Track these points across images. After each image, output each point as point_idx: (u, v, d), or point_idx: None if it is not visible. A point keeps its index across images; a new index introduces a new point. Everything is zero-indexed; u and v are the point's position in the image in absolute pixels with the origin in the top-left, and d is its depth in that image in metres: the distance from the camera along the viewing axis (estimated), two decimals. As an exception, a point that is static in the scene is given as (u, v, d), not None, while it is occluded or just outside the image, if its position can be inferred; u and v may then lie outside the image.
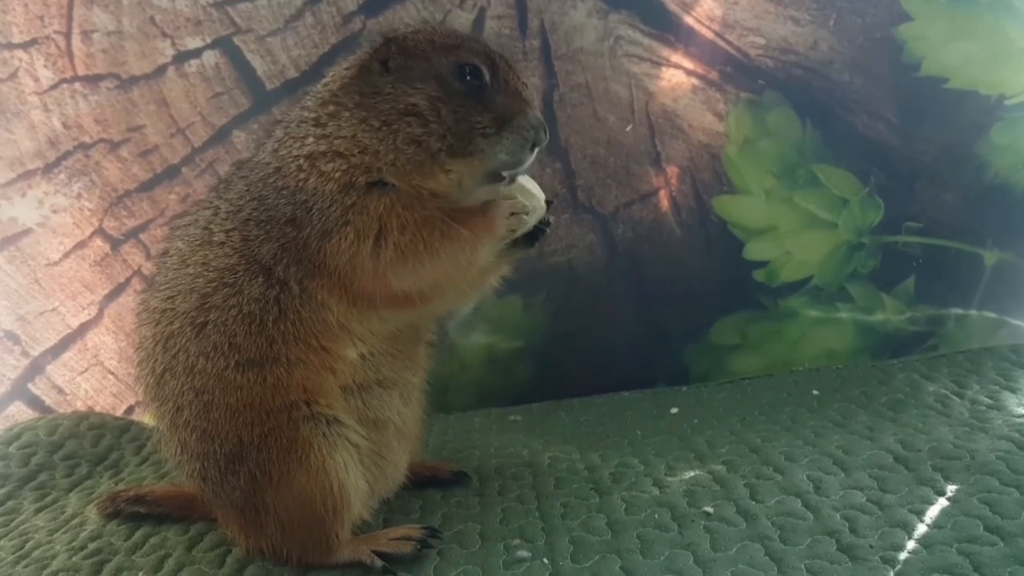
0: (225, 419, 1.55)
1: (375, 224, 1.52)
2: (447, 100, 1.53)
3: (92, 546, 1.81)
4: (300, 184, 1.54)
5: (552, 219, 1.71)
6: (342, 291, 1.55)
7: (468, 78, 1.55)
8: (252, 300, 1.55)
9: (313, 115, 1.59)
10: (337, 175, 1.53)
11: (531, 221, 1.64)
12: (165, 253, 1.71)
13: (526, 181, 1.67)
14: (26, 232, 2.49)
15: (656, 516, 1.65)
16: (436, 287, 1.61)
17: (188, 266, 1.61)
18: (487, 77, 1.56)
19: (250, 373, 1.55)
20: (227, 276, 1.57)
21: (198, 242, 1.63)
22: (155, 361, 1.62)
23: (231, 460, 1.57)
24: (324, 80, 1.66)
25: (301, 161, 1.55)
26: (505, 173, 1.61)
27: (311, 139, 1.56)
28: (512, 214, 1.61)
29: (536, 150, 1.60)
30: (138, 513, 1.93)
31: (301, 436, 1.55)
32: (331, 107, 1.57)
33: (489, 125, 1.54)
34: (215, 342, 1.55)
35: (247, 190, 1.62)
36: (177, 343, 1.58)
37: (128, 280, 2.52)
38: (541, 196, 1.67)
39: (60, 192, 2.47)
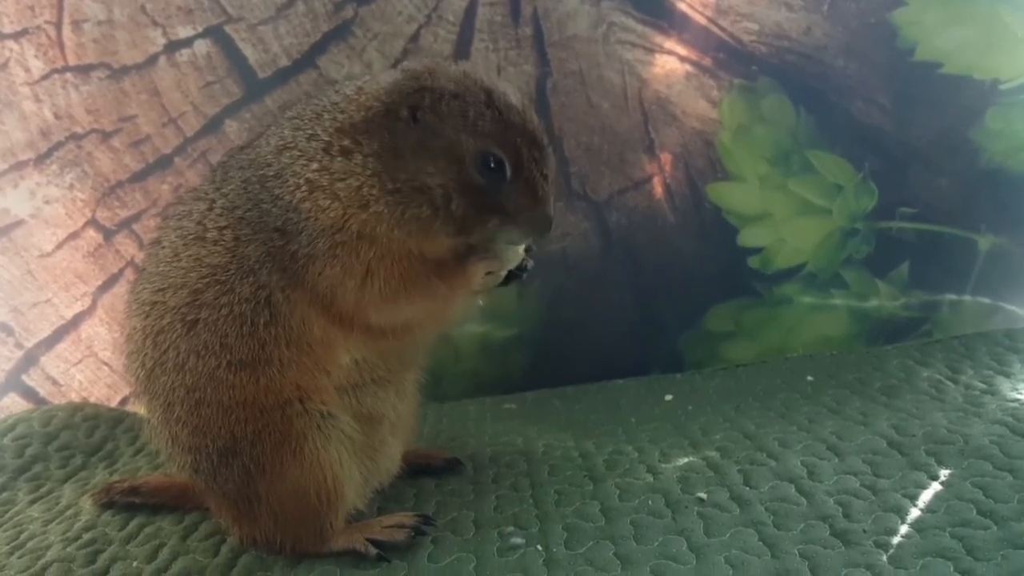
0: (217, 416, 1.55)
1: (362, 268, 1.51)
2: (461, 191, 1.47)
3: (87, 536, 1.81)
4: (296, 203, 1.51)
5: (531, 265, 1.71)
6: (323, 310, 1.54)
7: (491, 169, 1.48)
8: (243, 300, 1.53)
9: (327, 138, 1.51)
10: (331, 213, 1.49)
11: (507, 268, 1.64)
12: (157, 242, 1.69)
13: None
14: (18, 223, 2.48)
15: (650, 502, 1.66)
16: (408, 329, 1.62)
17: (180, 260, 1.59)
18: (509, 173, 1.49)
19: (242, 373, 1.54)
20: (219, 274, 1.55)
21: (191, 236, 1.60)
22: (145, 355, 1.61)
23: (224, 454, 1.57)
24: (348, 92, 1.56)
25: (301, 181, 1.50)
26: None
27: (315, 166, 1.50)
28: (488, 273, 1.61)
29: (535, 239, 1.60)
30: (132, 503, 1.93)
31: (295, 430, 1.55)
32: (347, 141, 1.50)
33: (494, 221, 1.51)
34: (206, 341, 1.54)
35: (244, 189, 1.58)
36: (168, 339, 1.57)
37: (121, 271, 2.52)
38: (521, 245, 1.65)
39: (52, 183, 2.46)
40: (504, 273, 1.64)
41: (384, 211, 1.48)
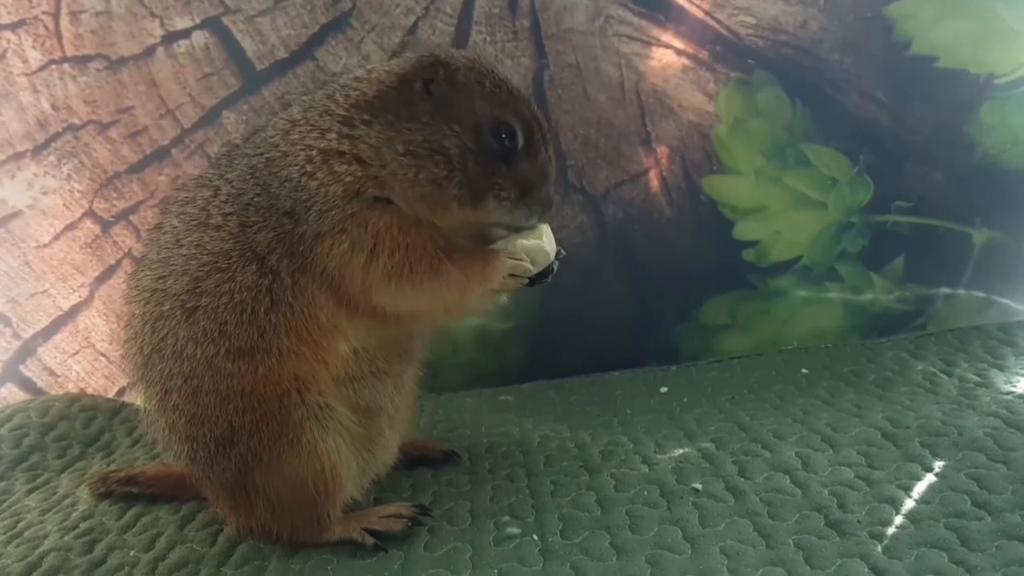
0: (215, 405, 1.55)
1: (370, 240, 1.51)
2: (477, 153, 1.51)
3: (84, 526, 1.82)
4: (304, 179, 1.52)
5: (556, 268, 1.71)
6: (331, 292, 1.54)
7: (503, 138, 1.53)
8: (244, 288, 1.53)
9: (343, 112, 1.55)
10: (348, 179, 1.51)
11: (533, 273, 1.64)
12: (158, 228, 1.69)
13: (545, 233, 1.66)
14: (16, 214, 2.48)
15: (645, 493, 1.67)
16: (415, 315, 1.62)
17: (182, 246, 1.59)
18: (521, 143, 1.54)
19: (241, 362, 1.54)
20: (221, 261, 1.55)
21: (194, 222, 1.60)
22: (143, 341, 1.61)
23: (221, 444, 1.57)
24: (358, 74, 1.62)
25: (313, 153, 1.52)
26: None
27: (334, 135, 1.53)
28: (512, 275, 1.61)
29: (537, 221, 1.61)
30: (130, 493, 1.94)
31: (293, 421, 1.55)
32: (365, 115, 1.53)
33: (507, 190, 1.54)
34: (205, 328, 1.54)
35: (251, 173, 1.59)
36: (166, 325, 1.57)
37: (119, 262, 2.52)
38: (553, 250, 1.67)
39: (50, 174, 2.46)
40: (527, 280, 1.64)
41: (399, 172, 1.50)
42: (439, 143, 1.50)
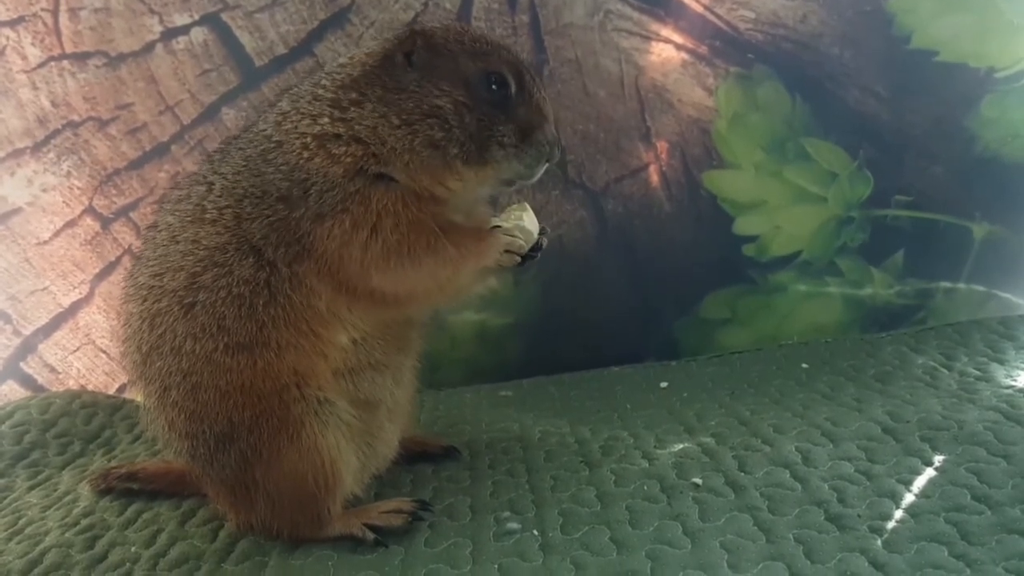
0: (214, 401, 1.55)
1: (372, 216, 1.51)
2: (472, 107, 1.53)
3: (85, 522, 1.82)
4: (302, 163, 1.52)
5: (545, 243, 1.71)
6: (329, 277, 1.54)
7: (495, 87, 1.54)
8: (242, 281, 1.53)
9: (331, 95, 1.56)
10: (348, 160, 1.51)
11: (525, 250, 1.65)
12: (154, 227, 1.69)
13: (527, 215, 1.67)
14: (16, 211, 2.48)
15: (645, 488, 1.67)
16: (412, 296, 1.62)
17: (178, 243, 1.59)
18: (513, 88, 1.55)
19: (240, 357, 1.54)
20: (217, 255, 1.55)
21: (189, 219, 1.60)
22: (141, 339, 1.61)
23: (221, 440, 1.57)
24: (341, 61, 1.64)
25: (308, 139, 1.53)
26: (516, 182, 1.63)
27: (326, 119, 1.54)
28: (507, 251, 1.62)
29: (547, 164, 1.60)
30: (131, 490, 1.94)
31: (292, 416, 1.55)
32: (353, 94, 1.55)
33: (509, 136, 1.54)
34: (203, 323, 1.54)
35: (244, 165, 1.59)
36: (164, 322, 1.57)
37: (119, 259, 2.52)
38: (536, 227, 1.67)
39: (49, 171, 2.46)
40: (519, 258, 1.64)
41: (397, 145, 1.52)
42: (431, 104, 1.52)
